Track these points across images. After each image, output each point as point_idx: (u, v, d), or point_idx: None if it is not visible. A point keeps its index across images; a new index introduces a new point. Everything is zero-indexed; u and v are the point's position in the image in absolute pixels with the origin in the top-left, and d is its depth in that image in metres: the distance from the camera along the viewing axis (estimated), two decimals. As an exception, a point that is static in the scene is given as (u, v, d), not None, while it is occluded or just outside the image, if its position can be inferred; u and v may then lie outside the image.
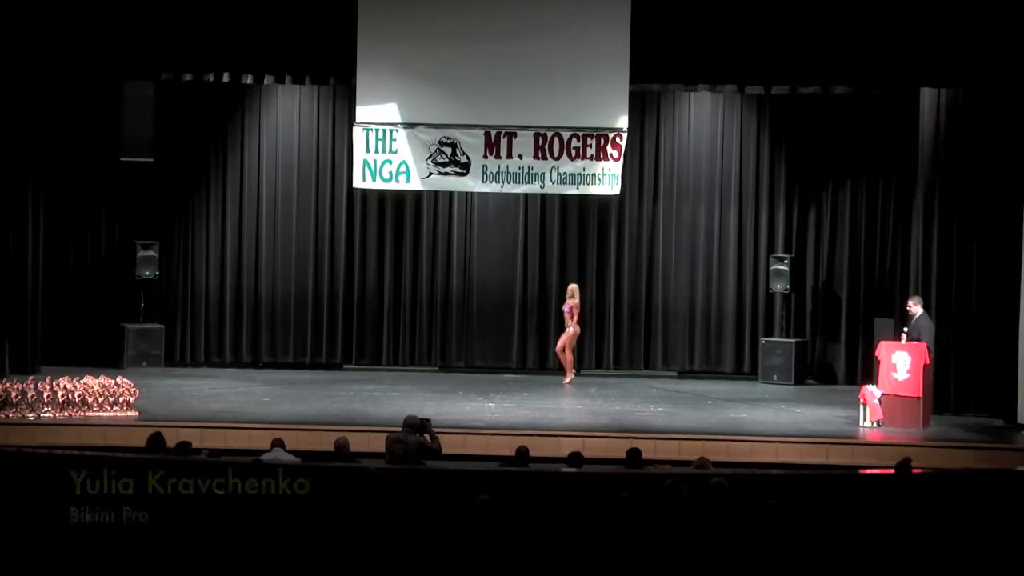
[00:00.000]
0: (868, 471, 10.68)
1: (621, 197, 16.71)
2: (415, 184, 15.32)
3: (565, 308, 16.29)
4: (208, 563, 7.20)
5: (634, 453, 9.77)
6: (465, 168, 15.10)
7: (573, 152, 15.00)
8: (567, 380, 16.35)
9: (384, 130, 15.13)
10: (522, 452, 9.95)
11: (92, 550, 7.13)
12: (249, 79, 15.84)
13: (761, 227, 17.54)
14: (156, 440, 9.56)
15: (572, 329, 16.27)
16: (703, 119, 17.67)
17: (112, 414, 12.99)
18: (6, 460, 8.57)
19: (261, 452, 9.91)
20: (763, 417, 14.09)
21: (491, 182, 15.18)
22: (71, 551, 7.14)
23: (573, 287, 16.45)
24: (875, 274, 17.16)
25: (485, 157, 15.06)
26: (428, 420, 10.33)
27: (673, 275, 17.67)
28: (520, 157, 15.05)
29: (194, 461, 8.85)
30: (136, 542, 7.15)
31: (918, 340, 13.41)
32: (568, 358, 16.43)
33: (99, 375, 13.44)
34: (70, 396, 12.96)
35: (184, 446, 9.52)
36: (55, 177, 16.64)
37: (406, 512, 7.66)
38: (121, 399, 13.11)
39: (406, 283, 17.79)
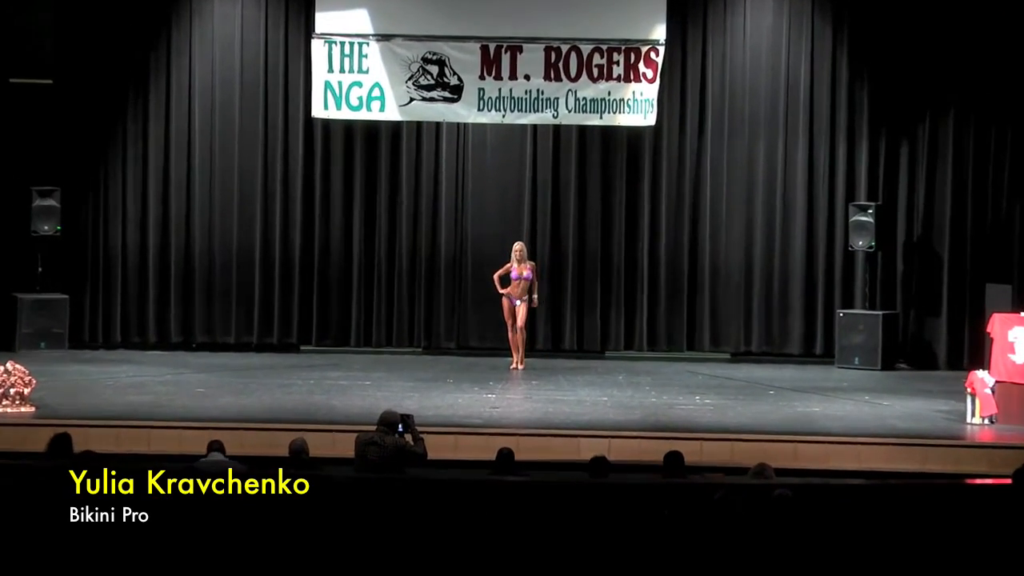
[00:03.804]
0: (977, 481, 10.68)
1: (657, 129, 16.73)
2: (391, 113, 15.37)
3: (527, 274, 16.10)
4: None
5: (674, 457, 9.77)
6: (456, 92, 15.13)
7: (595, 71, 15.02)
8: (515, 366, 16.35)
9: (351, 44, 15.16)
10: (505, 455, 9.95)
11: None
12: (177, -22, 15.86)
13: (838, 168, 17.52)
14: (61, 443, 9.52)
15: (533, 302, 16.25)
16: (762, 30, 17.62)
17: (2, 410, 12.98)
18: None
19: (195, 458, 9.91)
20: (840, 411, 14.10)
21: (489, 110, 15.23)
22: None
23: (523, 247, 16.29)
24: (986, 228, 17.16)
25: (482, 78, 15.10)
26: (410, 416, 10.35)
27: (724, 230, 17.68)
28: (527, 78, 15.09)
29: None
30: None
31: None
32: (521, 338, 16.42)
33: (-15, 360, 13.47)
34: (-53, 387, 12.98)
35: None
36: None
37: (379, 531, 7.72)
38: (12, 391, 13.07)
39: (381, 241, 17.80)
